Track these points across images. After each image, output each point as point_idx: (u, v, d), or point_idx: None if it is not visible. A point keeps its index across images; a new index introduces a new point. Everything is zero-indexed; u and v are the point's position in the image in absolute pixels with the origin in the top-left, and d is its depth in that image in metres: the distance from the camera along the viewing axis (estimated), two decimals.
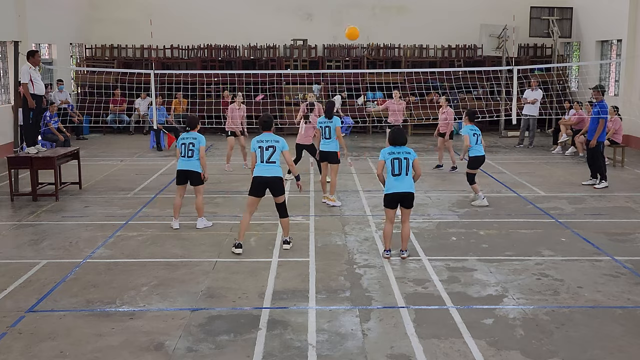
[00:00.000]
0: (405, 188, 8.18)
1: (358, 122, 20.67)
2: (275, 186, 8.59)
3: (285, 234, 8.96)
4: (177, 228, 9.90)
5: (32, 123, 12.13)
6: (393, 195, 8.22)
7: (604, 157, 13.26)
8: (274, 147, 8.55)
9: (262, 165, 8.55)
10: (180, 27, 23.24)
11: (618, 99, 18.81)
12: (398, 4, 23.65)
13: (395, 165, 8.16)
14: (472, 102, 20.23)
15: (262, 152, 8.54)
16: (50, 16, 20.04)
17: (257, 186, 8.59)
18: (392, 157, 8.19)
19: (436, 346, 5.96)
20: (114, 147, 18.99)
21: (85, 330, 6.32)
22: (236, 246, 8.68)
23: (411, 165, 8.22)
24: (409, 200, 8.26)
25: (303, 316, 6.65)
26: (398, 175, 8.16)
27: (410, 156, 8.23)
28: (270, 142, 8.59)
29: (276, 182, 8.57)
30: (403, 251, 8.44)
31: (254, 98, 20.69)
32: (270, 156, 8.53)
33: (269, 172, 8.54)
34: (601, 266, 8.20)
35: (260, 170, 8.56)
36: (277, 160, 8.59)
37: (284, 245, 8.90)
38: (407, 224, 8.45)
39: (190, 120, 9.92)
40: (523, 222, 10.31)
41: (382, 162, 8.31)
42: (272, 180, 8.53)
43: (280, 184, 8.65)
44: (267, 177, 8.51)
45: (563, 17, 21.83)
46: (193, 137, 9.69)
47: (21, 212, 11.05)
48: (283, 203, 8.75)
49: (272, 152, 8.53)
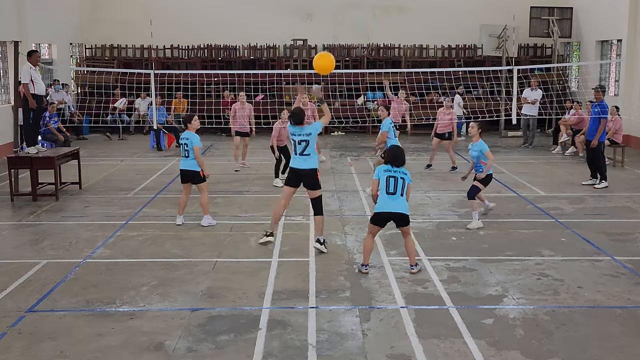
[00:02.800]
0: (399, 208, 7.69)
1: (358, 122, 20.67)
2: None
3: (319, 232, 8.79)
4: (180, 224, 9.98)
5: (32, 123, 12.13)
6: (384, 214, 7.73)
7: (604, 157, 13.26)
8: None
9: (297, 157, 8.71)
10: (180, 27, 23.24)
11: (618, 99, 18.80)
12: (398, 4, 23.65)
13: (391, 183, 7.67)
14: (472, 102, 20.22)
15: (295, 144, 8.69)
16: (50, 16, 20.04)
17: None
18: (388, 175, 7.70)
19: (436, 346, 5.96)
20: (114, 147, 19.00)
21: (85, 330, 6.32)
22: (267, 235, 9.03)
23: (406, 186, 7.75)
24: (402, 221, 7.78)
25: (303, 316, 6.65)
26: (393, 194, 7.66)
27: (406, 177, 7.75)
28: (302, 135, 8.64)
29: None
30: (412, 266, 7.95)
31: (254, 98, 20.68)
32: (304, 149, 8.64)
33: (304, 164, 8.67)
34: (601, 266, 8.20)
35: (295, 162, 8.74)
36: (311, 152, 8.68)
37: (315, 244, 8.75)
38: (409, 238, 7.97)
39: (185, 118, 10.27)
40: (523, 222, 10.31)
41: (376, 181, 7.79)
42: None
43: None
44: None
45: (563, 17, 21.83)
46: (186, 138, 9.86)
47: (21, 212, 11.05)
48: (318, 198, 8.75)
49: (305, 145, 8.62)
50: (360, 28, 23.48)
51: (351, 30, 23.48)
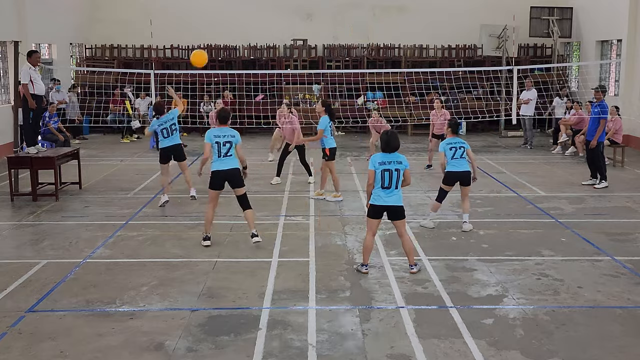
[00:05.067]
0: (394, 202, 7.66)
1: (358, 122, 20.67)
2: (234, 178, 8.89)
3: (252, 226, 8.99)
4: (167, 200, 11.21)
5: (32, 123, 12.13)
6: (380, 207, 7.70)
7: (604, 157, 13.26)
8: (231, 142, 8.85)
9: (220, 160, 8.83)
10: (180, 27, 23.24)
11: (618, 99, 18.80)
12: (398, 4, 23.66)
13: (386, 177, 7.59)
14: (472, 102, 20.22)
15: (219, 147, 8.80)
16: (50, 16, 20.03)
17: (216, 180, 8.91)
18: (383, 169, 7.59)
19: (436, 346, 5.96)
20: (114, 147, 19.00)
21: (85, 330, 6.32)
22: (204, 239, 9.04)
23: (401, 176, 7.67)
24: (398, 213, 7.74)
25: (303, 316, 6.65)
26: (387, 188, 7.61)
27: (401, 166, 7.64)
28: (226, 137, 8.83)
29: (235, 175, 8.89)
30: (412, 266, 7.92)
31: (254, 98, 20.69)
32: (228, 151, 8.81)
33: (227, 165, 8.83)
34: (601, 266, 8.20)
35: (219, 165, 8.83)
36: (233, 154, 8.88)
37: (252, 238, 8.92)
38: (405, 237, 7.90)
39: (156, 106, 11.56)
40: (523, 222, 10.31)
41: (372, 172, 7.65)
42: (231, 173, 8.86)
43: (239, 176, 8.94)
44: (225, 170, 8.84)
45: (563, 17, 21.84)
46: (170, 119, 11.22)
47: (21, 212, 11.05)
48: (244, 195, 8.99)
49: (229, 147, 8.81)
50: (360, 28, 23.49)
51: (351, 30, 23.48)
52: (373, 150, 16.01)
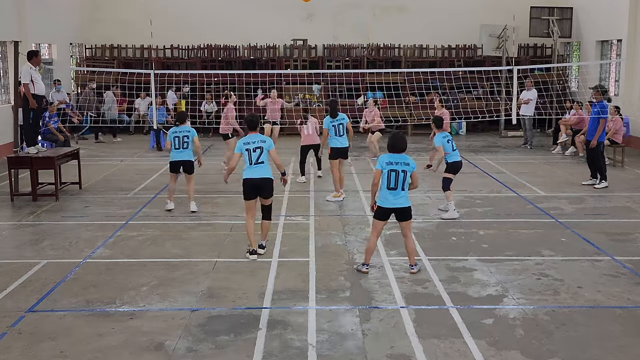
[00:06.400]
0: (401, 203, 7.67)
1: (358, 122, 20.64)
2: (265, 188, 8.43)
3: (264, 237, 8.75)
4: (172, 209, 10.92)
5: (32, 123, 12.13)
6: (388, 209, 7.71)
7: (604, 157, 13.26)
8: (261, 148, 8.37)
9: (251, 168, 8.39)
10: (180, 27, 23.24)
11: (618, 99, 18.80)
12: (398, 4, 23.65)
13: (392, 178, 7.57)
14: (472, 102, 20.22)
15: (249, 153, 8.36)
16: (50, 16, 20.04)
17: (247, 189, 8.45)
18: (390, 169, 7.57)
19: (436, 346, 5.96)
20: (114, 147, 19.00)
21: (85, 330, 6.32)
22: (250, 252, 8.51)
23: (408, 178, 7.65)
24: (406, 214, 7.76)
25: (303, 316, 6.65)
26: (394, 189, 7.60)
27: (408, 168, 7.62)
28: (256, 142, 8.41)
29: (266, 185, 8.42)
30: (412, 266, 7.92)
31: (254, 98, 20.68)
32: (259, 157, 8.36)
33: (258, 173, 8.37)
34: (601, 266, 8.20)
35: (250, 172, 8.41)
36: (265, 161, 8.42)
37: (258, 249, 8.60)
38: (409, 238, 7.91)
39: (179, 115, 11.25)
40: (523, 222, 10.31)
41: (379, 172, 7.65)
42: (261, 183, 8.38)
43: (270, 186, 8.47)
44: (257, 178, 8.35)
45: (563, 17, 21.82)
46: (187, 131, 10.88)
47: (21, 212, 11.05)
48: (270, 205, 8.65)
49: (259, 153, 8.36)
50: (360, 28, 23.48)
51: (351, 30, 23.47)
52: (373, 150, 16.03)
